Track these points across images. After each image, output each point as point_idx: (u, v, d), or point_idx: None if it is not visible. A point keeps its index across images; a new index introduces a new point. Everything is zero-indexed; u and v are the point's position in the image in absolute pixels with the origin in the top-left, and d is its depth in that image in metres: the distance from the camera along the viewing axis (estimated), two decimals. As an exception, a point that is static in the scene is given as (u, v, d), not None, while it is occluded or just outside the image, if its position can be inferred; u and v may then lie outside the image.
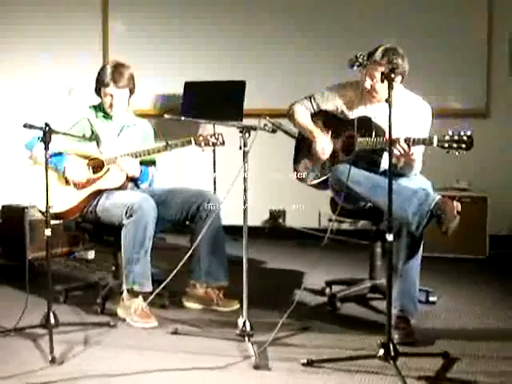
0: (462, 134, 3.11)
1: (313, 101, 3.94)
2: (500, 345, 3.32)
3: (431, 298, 4.01)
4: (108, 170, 3.81)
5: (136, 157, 3.79)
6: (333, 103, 3.87)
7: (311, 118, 3.94)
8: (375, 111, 3.68)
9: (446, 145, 3.14)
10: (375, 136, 3.57)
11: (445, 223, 3.28)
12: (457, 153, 3.13)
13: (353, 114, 3.77)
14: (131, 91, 3.90)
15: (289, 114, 4.00)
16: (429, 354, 3.14)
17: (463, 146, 3.10)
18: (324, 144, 3.81)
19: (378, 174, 3.60)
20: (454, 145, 3.12)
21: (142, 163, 3.89)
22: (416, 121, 3.62)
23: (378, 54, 3.55)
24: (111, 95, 3.84)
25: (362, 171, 3.53)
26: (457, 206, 3.30)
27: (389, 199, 2.86)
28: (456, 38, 5.82)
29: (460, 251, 5.33)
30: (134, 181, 3.96)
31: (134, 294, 3.66)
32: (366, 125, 3.64)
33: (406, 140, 3.32)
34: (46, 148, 3.22)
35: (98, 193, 3.80)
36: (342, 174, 3.46)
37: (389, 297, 2.93)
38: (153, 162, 4.03)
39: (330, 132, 3.85)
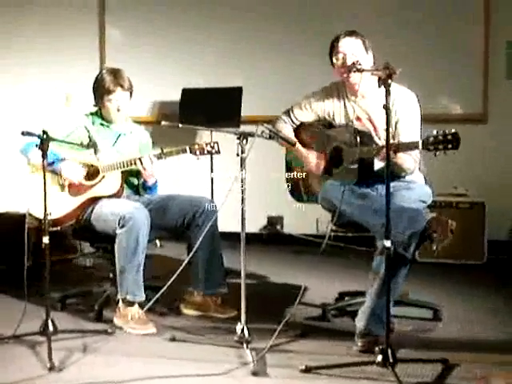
0: (446, 132, 2.90)
1: (291, 114, 3.86)
2: (498, 351, 3.32)
3: (439, 316, 3.81)
4: (103, 177, 3.81)
5: (131, 164, 3.78)
6: (313, 113, 3.78)
7: (296, 130, 3.86)
8: (366, 109, 3.60)
9: (432, 147, 2.93)
10: (360, 143, 3.48)
11: (436, 242, 3.15)
12: (443, 153, 2.92)
13: (341, 119, 3.68)
14: (131, 93, 3.91)
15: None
16: (427, 360, 3.12)
17: (449, 145, 2.89)
18: (315, 159, 3.75)
19: (371, 181, 3.50)
20: (440, 146, 2.90)
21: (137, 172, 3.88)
22: (405, 112, 3.52)
23: (342, 34, 3.56)
24: (117, 99, 3.85)
25: (353, 190, 3.40)
26: (451, 224, 3.16)
27: (386, 203, 2.87)
28: (453, 43, 5.82)
29: (458, 257, 5.32)
30: (144, 188, 3.96)
31: (128, 303, 3.66)
32: (349, 133, 3.56)
33: (392, 145, 3.12)
34: (44, 156, 3.22)
35: (93, 200, 3.79)
36: (329, 193, 3.46)
37: (387, 302, 2.92)
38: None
39: (317, 144, 3.76)
